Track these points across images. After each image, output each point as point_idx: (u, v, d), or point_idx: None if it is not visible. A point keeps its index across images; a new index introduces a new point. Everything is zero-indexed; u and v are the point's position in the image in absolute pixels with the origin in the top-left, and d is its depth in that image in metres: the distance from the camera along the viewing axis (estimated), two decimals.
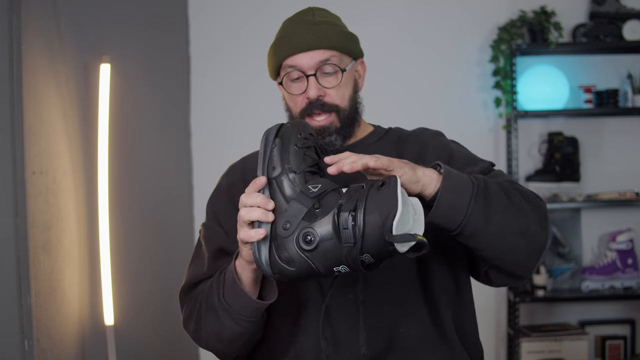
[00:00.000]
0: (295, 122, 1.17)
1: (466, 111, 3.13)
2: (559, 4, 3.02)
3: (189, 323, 1.30)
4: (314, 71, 1.30)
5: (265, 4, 3.09)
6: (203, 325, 1.26)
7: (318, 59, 1.30)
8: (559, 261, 3.09)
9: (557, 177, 3.02)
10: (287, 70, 1.32)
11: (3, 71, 1.88)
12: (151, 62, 2.87)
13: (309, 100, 1.31)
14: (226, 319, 1.20)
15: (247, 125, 2.95)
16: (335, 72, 1.31)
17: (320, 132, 1.31)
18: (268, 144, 1.10)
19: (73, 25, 2.40)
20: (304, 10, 1.39)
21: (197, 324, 1.27)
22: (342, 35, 1.34)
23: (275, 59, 1.35)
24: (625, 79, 3.06)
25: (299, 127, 1.14)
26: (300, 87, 1.32)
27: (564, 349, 2.92)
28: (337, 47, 1.31)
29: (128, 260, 2.62)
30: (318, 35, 1.30)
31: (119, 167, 2.57)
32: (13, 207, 1.88)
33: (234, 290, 1.18)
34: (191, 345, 3.08)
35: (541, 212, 1.19)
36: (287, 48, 1.31)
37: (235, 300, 1.18)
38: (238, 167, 1.44)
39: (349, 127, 1.34)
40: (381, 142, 1.39)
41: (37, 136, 2.06)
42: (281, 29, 1.38)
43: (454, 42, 3.12)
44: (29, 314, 1.91)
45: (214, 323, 1.23)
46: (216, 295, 1.21)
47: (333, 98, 1.32)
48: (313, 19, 1.33)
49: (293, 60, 1.31)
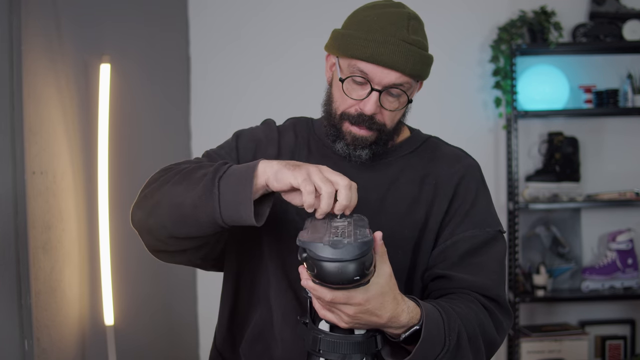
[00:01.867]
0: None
1: (466, 111, 3.13)
2: (559, 4, 3.02)
3: (147, 186, 1.18)
4: (381, 88, 1.21)
5: (266, 5, 3.09)
6: (166, 189, 1.13)
7: (393, 80, 1.20)
8: (559, 261, 3.09)
9: (557, 177, 3.02)
10: (355, 71, 1.21)
11: (3, 71, 1.88)
12: (151, 62, 2.87)
13: (360, 112, 1.23)
14: (201, 199, 1.07)
15: (247, 126, 2.94)
16: (400, 97, 1.23)
17: (356, 141, 1.25)
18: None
19: (73, 25, 2.40)
20: (398, 14, 1.22)
21: (159, 187, 1.15)
22: (425, 62, 1.23)
23: (347, 51, 1.22)
24: (625, 79, 3.06)
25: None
26: (359, 93, 1.22)
27: (564, 349, 2.92)
28: (416, 75, 1.22)
29: (128, 260, 2.62)
30: (407, 59, 1.19)
31: (119, 167, 2.57)
32: (13, 207, 1.88)
33: (238, 183, 1.06)
34: (191, 345, 3.08)
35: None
36: (368, 54, 1.19)
37: (230, 192, 1.06)
38: (278, 127, 1.38)
39: (384, 145, 1.28)
40: (414, 154, 1.33)
41: (37, 136, 2.06)
42: (367, 25, 1.22)
43: (454, 42, 3.12)
44: (29, 314, 1.91)
45: (182, 192, 1.10)
46: (211, 174, 1.09)
47: (384, 118, 1.24)
48: (407, 35, 1.20)
49: (367, 67, 1.20)
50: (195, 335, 3.10)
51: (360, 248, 0.91)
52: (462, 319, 1.12)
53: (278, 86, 3.10)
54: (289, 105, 3.04)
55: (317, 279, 0.94)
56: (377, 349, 1.06)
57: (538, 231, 3.11)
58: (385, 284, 1.00)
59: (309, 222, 1.05)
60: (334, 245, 0.91)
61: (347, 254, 0.91)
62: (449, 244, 1.24)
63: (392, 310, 1.01)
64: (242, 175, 1.07)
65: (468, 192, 1.29)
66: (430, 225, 1.26)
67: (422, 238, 1.26)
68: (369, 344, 1.04)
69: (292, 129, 1.37)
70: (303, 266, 0.98)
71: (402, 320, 1.03)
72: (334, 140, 1.27)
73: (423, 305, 1.07)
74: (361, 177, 1.26)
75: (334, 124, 1.27)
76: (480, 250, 1.25)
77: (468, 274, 1.21)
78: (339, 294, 0.96)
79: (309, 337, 1.04)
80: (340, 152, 1.27)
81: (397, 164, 1.31)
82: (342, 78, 1.23)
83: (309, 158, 1.32)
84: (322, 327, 1.04)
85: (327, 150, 1.32)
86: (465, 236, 1.25)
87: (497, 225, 1.29)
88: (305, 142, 1.35)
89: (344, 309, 0.98)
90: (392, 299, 1.01)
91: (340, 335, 1.02)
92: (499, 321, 1.21)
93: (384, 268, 1.01)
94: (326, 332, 1.03)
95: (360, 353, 1.03)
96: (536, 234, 3.12)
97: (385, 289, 1.00)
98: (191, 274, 3.07)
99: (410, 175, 1.29)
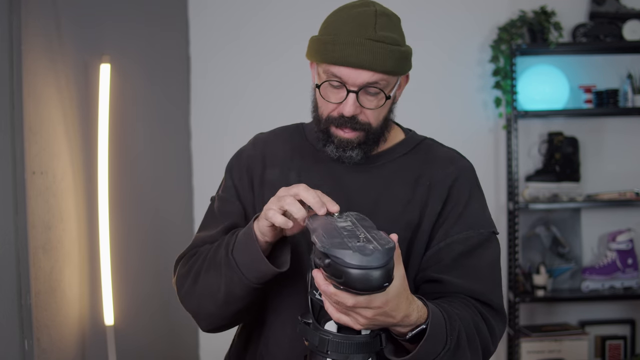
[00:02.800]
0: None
1: (466, 111, 3.13)
2: (559, 4, 3.02)
3: (185, 279, 1.26)
4: (357, 89, 1.21)
5: (265, 4, 3.09)
6: (201, 281, 1.22)
7: (366, 79, 1.20)
8: (559, 261, 3.09)
9: (557, 177, 3.02)
10: (330, 76, 1.22)
11: (3, 71, 1.88)
12: (151, 62, 2.87)
13: (341, 114, 1.23)
14: (228, 278, 1.16)
15: (247, 126, 2.94)
16: (378, 94, 1.23)
17: (343, 144, 1.25)
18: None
19: (73, 25, 2.39)
20: (366, 14, 1.22)
21: (194, 280, 1.24)
22: (398, 58, 1.22)
23: (318, 56, 1.24)
24: (625, 79, 3.06)
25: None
26: (338, 97, 1.23)
27: (564, 349, 2.92)
28: (390, 71, 1.21)
29: (128, 260, 2.62)
30: (375, 56, 1.19)
31: (118, 167, 2.57)
32: (13, 207, 1.88)
33: (246, 248, 1.15)
34: (191, 345, 3.08)
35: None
36: (336, 57, 1.20)
37: (245, 257, 1.15)
38: (264, 139, 1.39)
39: (374, 143, 1.28)
40: (408, 156, 1.32)
41: (37, 136, 2.06)
42: (334, 27, 1.24)
43: (454, 42, 3.12)
44: (29, 314, 1.91)
45: (214, 280, 1.19)
46: (224, 250, 1.18)
47: (368, 117, 1.24)
48: (374, 33, 1.19)
49: (339, 70, 1.20)
50: (195, 336, 3.10)
51: (388, 254, 0.92)
52: (462, 320, 1.13)
53: (278, 86, 3.10)
54: (288, 105, 3.04)
55: (343, 286, 0.93)
56: (382, 347, 1.07)
57: (538, 231, 3.12)
58: (400, 285, 1.01)
59: (309, 223, 1.05)
60: (362, 252, 0.90)
61: (376, 261, 0.90)
62: (443, 246, 1.24)
63: (405, 310, 1.02)
64: (246, 238, 1.15)
65: (461, 194, 1.28)
66: (424, 227, 1.26)
67: (415, 239, 1.26)
68: (375, 343, 1.05)
69: (279, 139, 1.38)
70: (318, 270, 0.98)
71: (412, 319, 1.04)
72: (324, 145, 1.28)
73: (428, 304, 1.08)
74: (355, 179, 1.27)
75: (321, 129, 1.28)
76: (474, 253, 1.25)
77: (461, 279, 1.22)
78: (361, 299, 0.96)
79: (315, 338, 1.04)
80: (331, 155, 1.28)
81: (391, 166, 1.31)
82: (318, 84, 1.25)
83: (302, 164, 1.32)
84: (328, 327, 1.04)
85: (320, 155, 1.32)
86: (459, 238, 1.25)
87: (490, 227, 1.29)
88: (297, 148, 1.35)
89: (363, 312, 0.99)
90: (406, 299, 1.03)
91: (348, 335, 1.03)
92: (492, 327, 1.21)
93: (399, 269, 1.02)
94: (334, 333, 1.03)
95: (366, 352, 1.03)
96: (536, 234, 3.12)
97: (400, 290, 1.01)
98: None
99: (404, 177, 1.29)
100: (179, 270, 1.30)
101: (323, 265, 0.94)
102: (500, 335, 1.24)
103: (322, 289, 0.98)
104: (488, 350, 1.20)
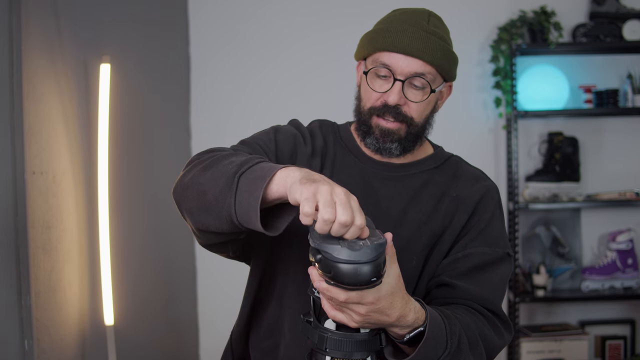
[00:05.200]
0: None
1: (466, 111, 3.13)
2: (559, 4, 3.02)
3: (188, 166, 1.16)
4: (404, 78, 1.23)
5: (265, 4, 3.09)
6: (196, 174, 1.10)
7: (415, 69, 1.23)
8: (559, 261, 3.09)
9: (557, 177, 3.02)
10: (378, 64, 1.25)
11: (3, 71, 1.88)
12: (151, 62, 2.87)
13: (385, 102, 1.25)
14: (223, 194, 1.04)
15: (247, 125, 2.94)
16: (424, 88, 1.25)
17: (384, 134, 1.27)
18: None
19: (73, 25, 2.39)
20: (419, 11, 1.29)
21: (192, 171, 1.12)
22: (447, 55, 1.28)
23: (370, 46, 1.27)
24: (625, 79, 3.06)
25: None
26: (383, 86, 1.25)
27: (564, 349, 2.92)
28: (438, 65, 1.25)
29: (128, 260, 2.62)
30: (426, 45, 1.23)
31: (119, 167, 2.57)
32: (13, 207, 1.88)
33: (253, 184, 1.01)
34: (191, 345, 3.08)
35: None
36: (388, 43, 1.23)
37: (247, 188, 1.01)
38: (311, 128, 1.37)
39: (412, 142, 1.30)
40: (437, 171, 1.35)
41: (37, 136, 2.06)
42: (388, 19, 1.29)
43: (454, 42, 3.09)
44: (29, 314, 1.91)
45: (209, 182, 1.07)
46: (236, 168, 1.05)
47: (411, 110, 1.26)
48: (427, 26, 1.25)
49: (389, 57, 1.23)
50: (195, 335, 3.10)
51: (376, 250, 0.93)
52: (463, 324, 1.14)
53: (278, 86, 3.10)
54: (288, 105, 3.04)
55: (333, 281, 0.95)
56: (381, 346, 1.07)
57: (538, 231, 3.11)
58: (395, 283, 1.02)
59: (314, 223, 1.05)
60: (351, 247, 0.92)
61: (364, 256, 0.92)
62: (460, 256, 1.27)
63: (401, 309, 1.03)
64: (259, 176, 1.01)
65: (486, 211, 1.31)
66: (446, 237, 1.29)
67: (435, 247, 1.28)
68: (374, 342, 1.05)
69: (319, 131, 1.38)
70: (313, 267, 0.99)
71: (409, 319, 1.05)
72: (364, 137, 1.30)
73: (427, 307, 1.09)
74: (386, 186, 1.30)
75: (363, 120, 1.30)
76: (487, 267, 1.27)
77: (472, 285, 1.24)
78: (352, 295, 0.97)
79: (315, 336, 1.05)
80: (370, 147, 1.30)
81: (420, 177, 1.33)
82: (366, 71, 1.27)
83: (334, 162, 1.33)
84: (328, 325, 1.05)
85: (351, 158, 1.34)
86: (476, 251, 1.27)
87: (506, 248, 1.32)
88: (332, 145, 1.36)
89: (356, 308, 0.99)
90: (401, 299, 1.03)
91: (347, 333, 1.04)
92: (498, 328, 1.23)
93: (394, 268, 1.02)
94: (333, 331, 1.04)
95: (365, 351, 1.04)
96: (536, 234, 3.12)
97: (395, 288, 1.01)
98: (191, 274, 3.07)
99: (432, 190, 1.32)
100: (192, 161, 1.19)
101: (316, 260, 0.96)
102: (507, 339, 1.25)
103: (316, 285, 1.00)
104: (494, 350, 1.21)
